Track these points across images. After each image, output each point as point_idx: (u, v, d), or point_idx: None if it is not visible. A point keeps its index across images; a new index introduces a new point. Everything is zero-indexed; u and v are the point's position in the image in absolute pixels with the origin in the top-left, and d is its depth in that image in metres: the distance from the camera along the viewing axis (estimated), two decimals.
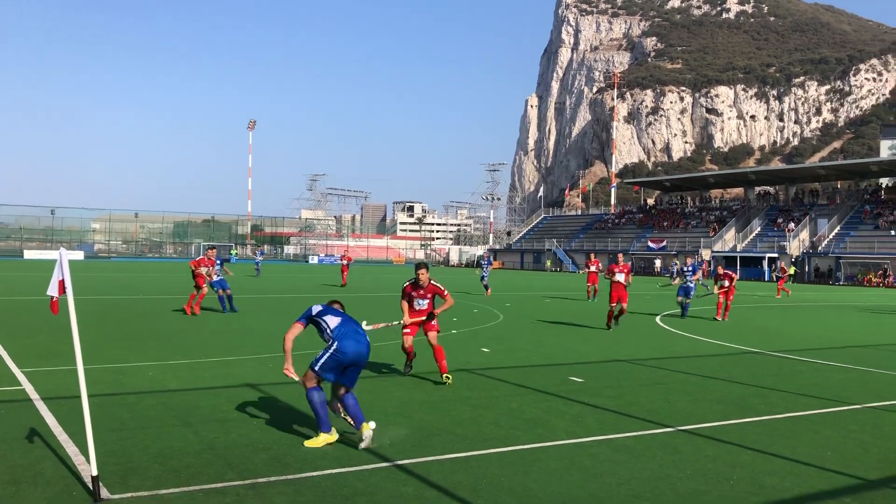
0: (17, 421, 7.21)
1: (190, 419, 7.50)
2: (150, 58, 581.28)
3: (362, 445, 6.50)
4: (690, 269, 22.24)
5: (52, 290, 5.60)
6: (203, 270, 19.52)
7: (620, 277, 17.38)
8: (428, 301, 10.40)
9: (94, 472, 5.10)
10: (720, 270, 21.87)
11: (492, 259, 31.86)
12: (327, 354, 6.83)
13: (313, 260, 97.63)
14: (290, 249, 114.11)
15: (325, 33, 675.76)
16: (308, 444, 6.60)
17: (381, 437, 6.84)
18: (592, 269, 28.72)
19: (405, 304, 10.37)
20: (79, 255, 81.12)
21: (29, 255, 79.80)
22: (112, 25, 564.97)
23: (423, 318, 10.35)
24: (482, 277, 31.58)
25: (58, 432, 6.78)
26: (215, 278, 19.96)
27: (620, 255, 22.15)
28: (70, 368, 10.30)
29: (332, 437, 6.67)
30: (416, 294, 10.41)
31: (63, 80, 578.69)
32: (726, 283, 21.14)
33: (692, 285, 21.67)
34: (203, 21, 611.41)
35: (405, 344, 10.37)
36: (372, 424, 6.66)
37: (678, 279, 22.90)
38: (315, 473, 5.81)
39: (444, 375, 9.74)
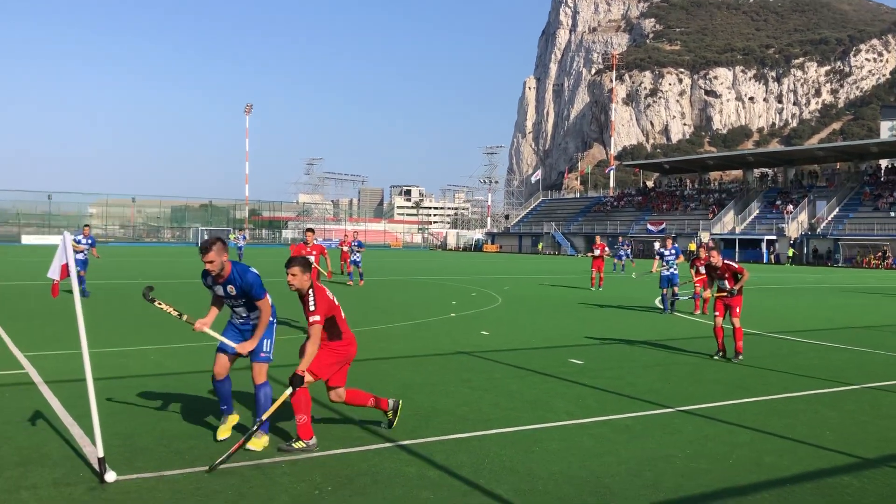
0: (21, 404, 7.26)
1: (193, 401, 7.55)
2: (146, 42, 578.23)
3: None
4: (672, 252, 18.63)
5: (54, 274, 5.61)
6: None
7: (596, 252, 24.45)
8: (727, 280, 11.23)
9: (101, 454, 5.15)
10: (703, 254, 18.09)
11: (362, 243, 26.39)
12: (274, 335, 6.39)
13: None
14: (287, 234, 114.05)
15: (323, 18, 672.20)
16: (252, 445, 5.84)
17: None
18: (597, 253, 25.79)
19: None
20: (56, 239, 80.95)
21: (27, 240, 79.74)
22: (110, 11, 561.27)
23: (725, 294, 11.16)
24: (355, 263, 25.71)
25: (62, 415, 6.82)
26: (79, 256, 18.85)
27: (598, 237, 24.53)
28: (71, 352, 10.35)
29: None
30: (716, 275, 11.33)
31: (58, 65, 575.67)
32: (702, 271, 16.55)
33: (675, 272, 18.48)
34: (200, 6, 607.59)
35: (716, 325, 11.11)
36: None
37: (656, 266, 19.11)
38: (319, 454, 5.86)
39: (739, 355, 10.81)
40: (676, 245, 19.05)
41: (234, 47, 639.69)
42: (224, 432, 6.22)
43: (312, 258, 13.30)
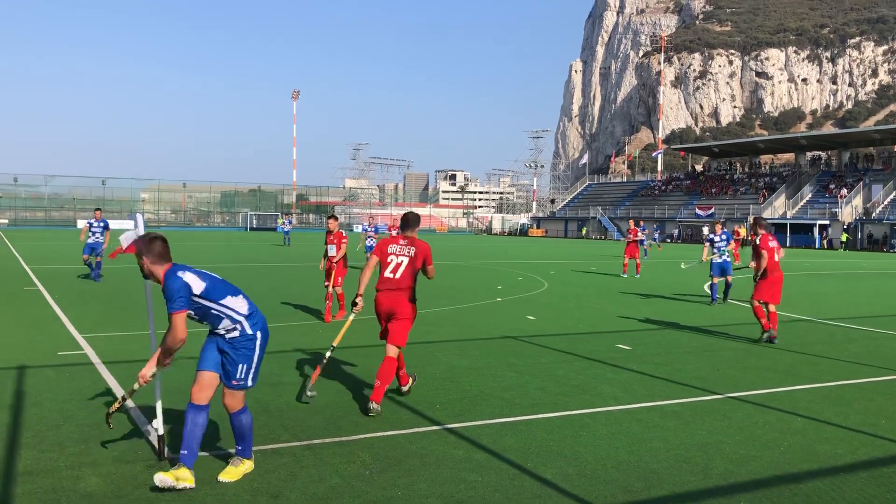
0: (81, 384, 7.50)
1: None
2: (193, 30, 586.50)
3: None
4: (722, 238, 17.20)
5: (125, 242, 5.54)
6: None
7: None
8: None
9: (161, 432, 5.31)
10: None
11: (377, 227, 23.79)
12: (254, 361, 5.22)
13: (357, 229, 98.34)
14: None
15: (368, 3, 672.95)
16: (225, 477, 4.93)
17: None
18: (631, 238, 24.66)
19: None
20: (129, 224, 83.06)
21: (82, 224, 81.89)
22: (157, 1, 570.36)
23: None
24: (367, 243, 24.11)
25: (120, 394, 7.03)
26: (91, 241, 19.22)
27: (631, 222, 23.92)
28: (128, 334, 10.65)
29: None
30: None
31: (111, 54, 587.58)
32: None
33: (728, 260, 17.02)
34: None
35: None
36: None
37: (706, 254, 17.54)
38: (368, 435, 5.95)
39: None
40: (727, 230, 17.52)
41: (280, 34, 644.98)
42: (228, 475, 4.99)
43: (333, 248, 13.32)
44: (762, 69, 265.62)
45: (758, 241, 11.27)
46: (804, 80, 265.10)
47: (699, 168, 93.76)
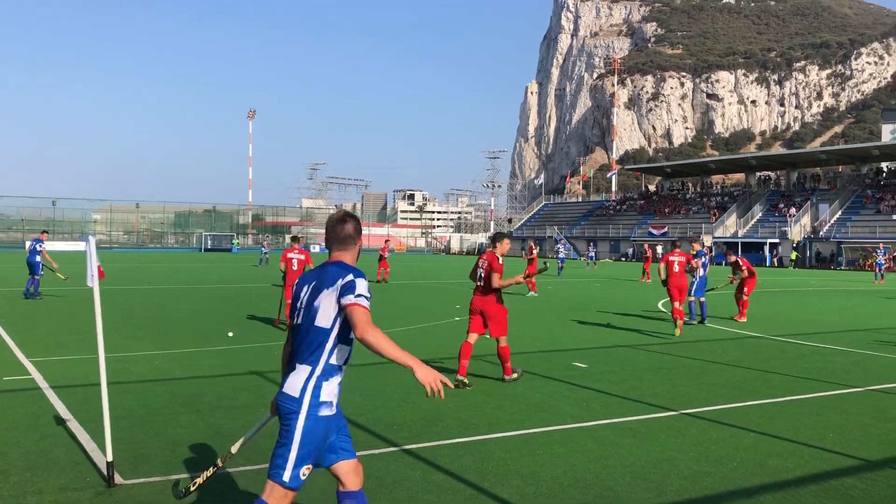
0: (28, 409, 7.29)
1: (198, 406, 7.58)
2: (149, 48, 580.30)
3: None
4: (700, 256, 17.11)
5: (93, 281, 5.42)
6: None
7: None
8: None
9: (110, 458, 5.18)
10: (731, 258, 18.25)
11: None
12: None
13: (315, 248, 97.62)
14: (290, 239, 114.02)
15: (324, 22, 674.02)
16: None
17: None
18: (531, 256, 27.21)
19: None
20: (80, 245, 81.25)
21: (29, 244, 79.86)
22: (111, 16, 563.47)
23: None
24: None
25: (69, 420, 6.86)
26: (37, 259, 19.59)
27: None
28: (76, 357, 10.39)
29: None
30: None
31: (62, 71, 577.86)
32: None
33: (703, 277, 16.79)
34: (202, 10, 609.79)
35: None
36: None
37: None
38: None
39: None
40: (702, 250, 17.67)
41: (236, 52, 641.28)
42: None
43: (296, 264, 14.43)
44: (713, 91, 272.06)
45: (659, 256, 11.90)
46: (753, 101, 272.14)
47: (652, 188, 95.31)
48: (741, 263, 17.80)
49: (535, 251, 27.54)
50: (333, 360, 3.71)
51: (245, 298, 21.24)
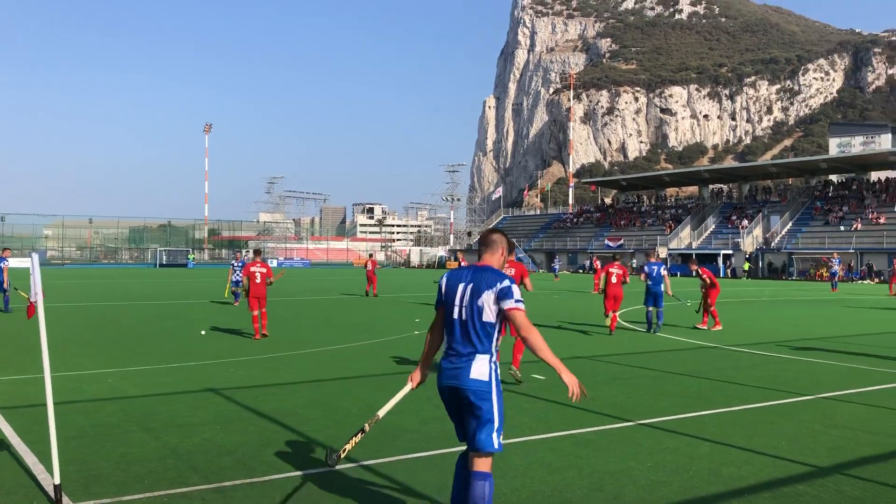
0: None
1: (151, 425, 7.43)
2: (101, 61, 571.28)
3: None
4: (654, 267, 17.24)
5: (36, 297, 5.38)
6: None
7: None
8: None
9: (57, 481, 5.04)
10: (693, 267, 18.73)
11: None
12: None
13: (273, 263, 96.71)
14: (248, 254, 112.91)
15: (282, 36, 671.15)
16: None
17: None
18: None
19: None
20: (27, 262, 79.11)
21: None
22: (60, 29, 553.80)
23: None
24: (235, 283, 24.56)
25: (16, 442, 6.66)
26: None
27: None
28: (23, 377, 10.12)
29: None
30: None
31: (11, 84, 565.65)
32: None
33: (660, 290, 17.04)
34: (157, 24, 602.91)
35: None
36: None
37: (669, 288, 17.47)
38: (281, 476, 5.81)
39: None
40: (655, 261, 17.60)
41: (192, 66, 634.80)
42: None
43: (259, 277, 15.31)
44: (666, 106, 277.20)
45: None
46: (706, 116, 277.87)
47: (608, 201, 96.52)
48: (702, 274, 18.21)
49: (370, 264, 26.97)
50: (495, 347, 4.48)
51: (201, 313, 20.93)
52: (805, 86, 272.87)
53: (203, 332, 12.12)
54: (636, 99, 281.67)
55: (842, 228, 63.92)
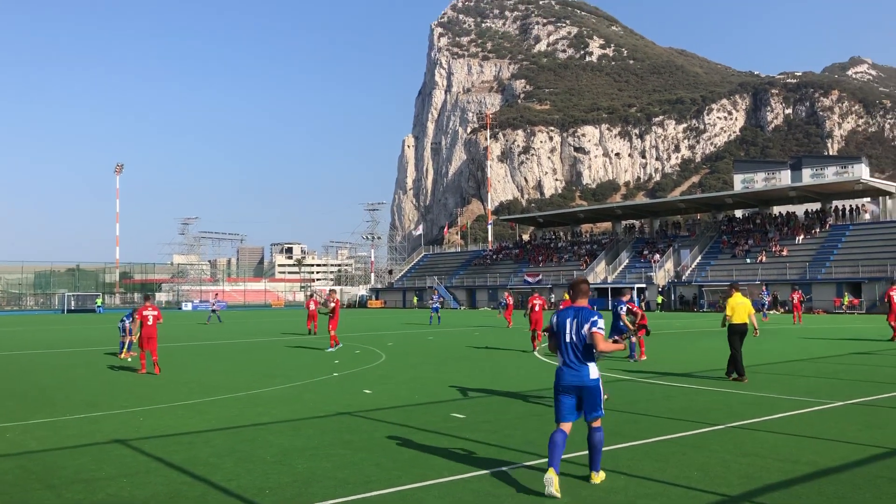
0: None
1: (53, 481, 7.07)
2: (4, 98, 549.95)
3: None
4: (620, 304, 18.28)
5: None
6: None
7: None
8: None
9: None
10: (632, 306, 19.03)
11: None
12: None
13: (187, 306, 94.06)
14: (161, 297, 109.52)
15: (195, 73, 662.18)
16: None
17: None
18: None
19: None
20: None
21: None
22: None
23: None
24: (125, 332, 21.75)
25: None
26: None
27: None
28: None
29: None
30: None
31: None
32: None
33: (622, 324, 17.66)
34: (64, 63, 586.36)
35: None
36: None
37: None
38: None
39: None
40: (623, 300, 18.74)
41: (101, 103, 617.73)
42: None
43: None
44: (579, 145, 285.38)
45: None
46: (617, 154, 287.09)
47: (526, 237, 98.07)
48: (631, 308, 18.89)
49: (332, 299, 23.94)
50: (596, 358, 6.97)
51: (107, 361, 20.11)
52: (710, 125, 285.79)
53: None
54: (550, 138, 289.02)
55: (748, 261, 66.63)
